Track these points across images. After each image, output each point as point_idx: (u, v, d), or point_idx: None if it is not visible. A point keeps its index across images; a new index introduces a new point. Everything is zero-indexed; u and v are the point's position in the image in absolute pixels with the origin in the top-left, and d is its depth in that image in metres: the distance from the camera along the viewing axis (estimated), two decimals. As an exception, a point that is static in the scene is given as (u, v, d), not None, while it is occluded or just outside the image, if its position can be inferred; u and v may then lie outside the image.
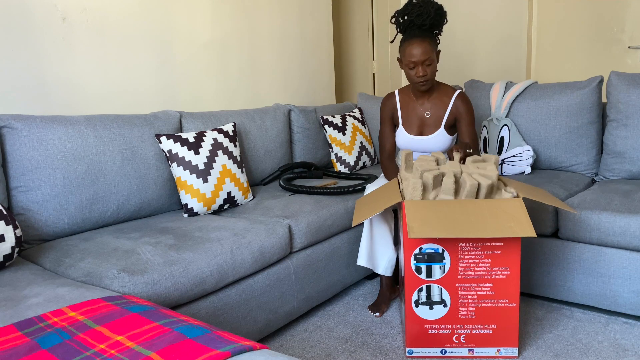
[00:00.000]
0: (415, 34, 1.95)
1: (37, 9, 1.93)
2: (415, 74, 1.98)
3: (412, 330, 1.73)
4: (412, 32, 1.97)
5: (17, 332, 1.01)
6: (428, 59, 1.94)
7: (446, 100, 2.09)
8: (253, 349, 0.92)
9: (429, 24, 1.96)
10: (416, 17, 1.95)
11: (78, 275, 1.46)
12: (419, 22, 1.95)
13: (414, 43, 1.93)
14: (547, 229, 2.04)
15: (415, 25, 1.97)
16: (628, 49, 3.25)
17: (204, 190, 2.01)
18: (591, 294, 1.97)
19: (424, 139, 2.12)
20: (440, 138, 2.10)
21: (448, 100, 2.09)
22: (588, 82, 2.46)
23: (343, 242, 2.18)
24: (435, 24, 1.98)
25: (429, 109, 2.11)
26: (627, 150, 2.31)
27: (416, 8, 1.95)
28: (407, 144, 2.15)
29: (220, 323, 1.64)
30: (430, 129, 2.11)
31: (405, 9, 1.98)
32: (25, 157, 1.69)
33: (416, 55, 1.93)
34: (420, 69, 1.96)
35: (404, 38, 1.99)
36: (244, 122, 2.48)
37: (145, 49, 2.33)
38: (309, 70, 3.36)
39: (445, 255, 1.66)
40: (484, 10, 3.70)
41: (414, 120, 2.13)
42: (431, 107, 2.10)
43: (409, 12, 1.97)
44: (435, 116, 2.10)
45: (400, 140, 2.17)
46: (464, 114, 2.06)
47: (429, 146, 2.12)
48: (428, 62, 1.95)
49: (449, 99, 2.09)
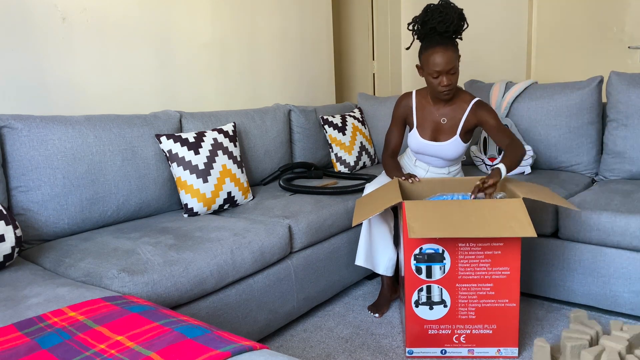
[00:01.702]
0: (437, 41, 1.87)
1: (37, 9, 1.93)
2: (440, 84, 1.90)
3: (412, 331, 1.73)
4: (434, 39, 1.88)
5: (17, 332, 1.01)
6: (452, 68, 1.87)
7: (464, 107, 2.02)
8: (253, 349, 0.92)
9: (452, 31, 1.87)
10: (438, 24, 1.85)
11: (78, 275, 1.46)
12: (441, 29, 1.85)
13: (437, 52, 1.85)
14: (547, 229, 2.04)
15: (436, 32, 1.88)
16: (628, 49, 3.25)
17: (204, 190, 2.01)
18: (591, 294, 1.97)
19: (438, 145, 2.06)
20: (454, 145, 2.04)
21: (465, 106, 2.02)
22: (588, 82, 2.46)
23: (343, 242, 2.18)
24: (457, 30, 1.89)
25: (445, 115, 2.04)
26: (627, 150, 2.31)
27: (437, 14, 1.85)
28: (419, 147, 2.10)
29: (220, 323, 1.64)
30: (445, 136, 2.05)
31: (425, 14, 1.89)
32: (25, 157, 1.69)
33: (440, 64, 1.85)
34: (444, 79, 1.88)
35: (425, 46, 1.90)
36: (244, 122, 2.48)
37: (145, 49, 2.33)
38: (309, 70, 3.36)
39: (445, 256, 1.66)
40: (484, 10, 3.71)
41: (428, 124, 2.07)
42: (448, 113, 2.04)
43: (430, 18, 1.87)
44: (451, 123, 2.03)
45: (412, 143, 2.12)
46: (486, 117, 1.97)
47: (442, 152, 2.07)
48: (452, 71, 1.88)
49: (466, 105, 2.02)
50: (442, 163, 2.13)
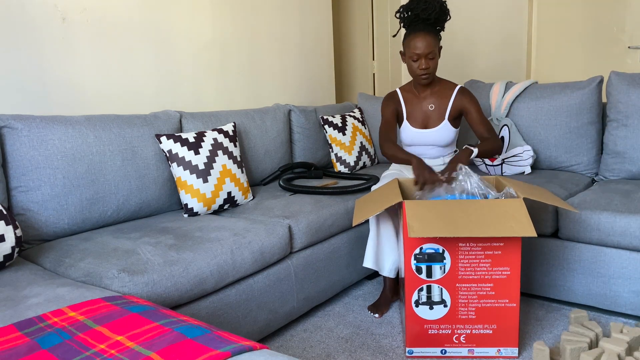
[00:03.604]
0: (419, 27, 2.01)
1: (37, 9, 1.93)
2: (418, 67, 2.03)
3: (412, 330, 1.73)
4: (417, 26, 2.03)
5: (17, 332, 1.01)
6: (431, 53, 2.00)
7: (449, 94, 2.15)
8: (253, 349, 0.92)
9: (433, 19, 2.02)
10: (421, 11, 2.01)
11: (78, 275, 1.46)
12: (424, 15, 2.01)
13: (418, 36, 2.00)
14: (547, 229, 2.04)
15: (419, 20, 2.04)
16: (628, 49, 3.25)
17: (204, 190, 2.01)
18: (591, 294, 1.96)
19: (429, 132, 2.16)
20: (444, 130, 2.15)
21: (450, 93, 2.15)
22: (588, 82, 2.46)
23: (343, 242, 2.18)
24: (439, 19, 2.05)
25: (433, 102, 2.16)
26: (627, 150, 2.31)
27: (422, 3, 2.02)
28: (412, 137, 2.18)
29: (220, 323, 1.64)
30: (434, 122, 2.16)
31: (411, 3, 2.05)
32: (26, 157, 1.69)
33: (420, 47, 1.99)
34: (423, 62, 2.01)
35: (408, 31, 2.05)
36: (244, 122, 2.48)
37: (146, 49, 2.33)
38: (309, 70, 3.36)
39: (445, 255, 1.66)
40: (484, 10, 3.70)
41: (418, 114, 2.18)
42: (434, 100, 2.16)
43: (414, 6, 2.03)
44: (439, 109, 2.15)
45: (405, 135, 2.21)
46: (469, 105, 2.11)
47: (434, 139, 2.16)
48: (431, 56, 2.01)
49: (451, 92, 2.15)
50: (436, 152, 2.20)
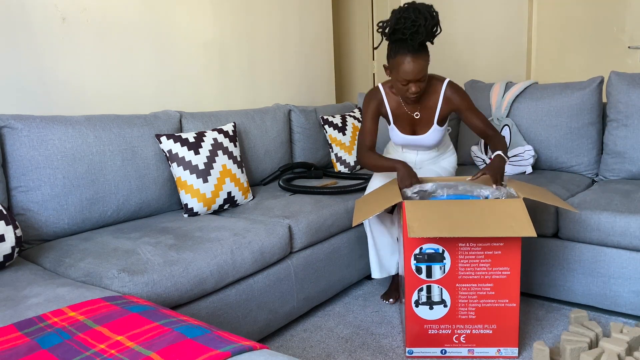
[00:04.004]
0: (408, 48, 1.78)
1: (37, 9, 1.93)
2: (408, 91, 1.87)
3: (412, 330, 1.73)
4: (404, 45, 1.79)
5: (17, 332, 1.01)
6: (423, 77, 1.83)
7: (435, 98, 1.98)
8: (253, 349, 0.92)
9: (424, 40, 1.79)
10: (410, 35, 1.74)
11: (78, 275, 1.46)
12: (413, 42, 1.76)
13: (407, 60, 1.78)
14: (548, 229, 2.04)
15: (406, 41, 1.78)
16: (628, 49, 3.25)
17: (204, 190, 2.01)
18: (591, 294, 1.96)
19: (418, 138, 2.09)
20: (435, 133, 2.07)
21: (437, 96, 1.98)
22: (588, 82, 2.46)
23: (343, 242, 2.18)
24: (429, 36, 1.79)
25: (418, 111, 2.02)
26: (627, 150, 2.31)
27: (409, 24, 1.73)
28: (403, 142, 2.14)
29: (220, 323, 1.64)
30: (422, 129, 2.07)
31: (396, 22, 1.76)
32: (26, 157, 1.69)
33: (411, 74, 1.80)
34: (413, 87, 1.85)
35: (396, 50, 1.82)
36: (244, 122, 2.48)
37: (146, 49, 2.33)
38: (309, 70, 3.36)
39: (445, 255, 1.66)
40: (484, 10, 3.70)
41: (405, 121, 2.07)
42: (420, 109, 2.02)
43: (400, 27, 1.76)
44: (426, 116, 2.03)
45: (395, 138, 2.15)
46: (460, 104, 1.96)
47: (425, 142, 2.11)
48: (422, 79, 1.85)
49: (437, 95, 1.98)
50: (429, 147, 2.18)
